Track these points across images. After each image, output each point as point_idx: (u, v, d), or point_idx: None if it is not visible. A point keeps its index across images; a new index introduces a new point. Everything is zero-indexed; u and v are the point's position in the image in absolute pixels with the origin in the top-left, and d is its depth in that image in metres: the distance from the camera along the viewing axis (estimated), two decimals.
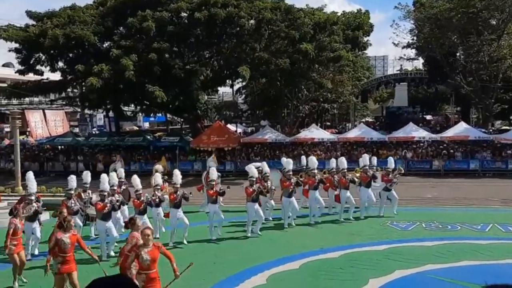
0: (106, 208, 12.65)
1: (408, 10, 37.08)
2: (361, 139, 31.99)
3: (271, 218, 16.34)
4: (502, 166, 28.86)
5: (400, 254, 12.09)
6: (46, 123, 39.58)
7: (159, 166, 18.58)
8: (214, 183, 14.78)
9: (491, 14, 32.83)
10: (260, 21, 29.06)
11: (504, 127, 42.15)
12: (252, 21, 29.48)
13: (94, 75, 26.46)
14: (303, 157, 19.40)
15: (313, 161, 17.03)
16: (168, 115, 45.04)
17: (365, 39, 41.06)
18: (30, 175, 14.23)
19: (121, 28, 31.46)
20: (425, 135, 31.97)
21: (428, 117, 59.86)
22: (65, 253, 9.10)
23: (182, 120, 44.11)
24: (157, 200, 14.11)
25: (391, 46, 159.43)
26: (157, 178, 15.07)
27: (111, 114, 40.16)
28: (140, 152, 33.06)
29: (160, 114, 45.53)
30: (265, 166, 16.26)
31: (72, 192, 14.29)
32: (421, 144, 32.19)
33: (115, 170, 16.60)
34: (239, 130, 44.54)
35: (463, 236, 13.78)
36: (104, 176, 14.03)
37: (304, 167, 18.04)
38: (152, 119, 53.74)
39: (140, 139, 33.73)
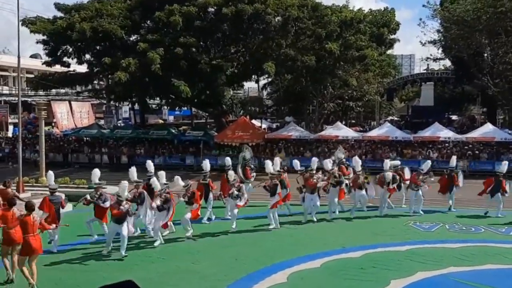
0: (120, 215, 12.17)
1: (436, 9, 36.64)
2: (385, 137, 31.76)
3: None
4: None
5: (423, 256, 12.03)
6: (72, 114, 40.24)
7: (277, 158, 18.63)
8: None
9: None
10: (287, 18, 29.00)
11: None
12: (278, 18, 29.47)
13: (121, 69, 26.78)
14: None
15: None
16: (193, 109, 45.32)
17: (392, 36, 40.74)
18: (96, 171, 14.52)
19: (148, 22, 31.70)
20: (451, 135, 31.61)
21: (454, 117, 59.11)
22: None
23: (207, 114, 44.34)
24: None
25: (418, 44, 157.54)
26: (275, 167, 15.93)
27: (136, 107, 40.53)
28: (165, 146, 33.35)
29: (185, 108, 45.83)
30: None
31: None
32: (446, 145, 31.85)
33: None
34: (264, 125, 44.62)
35: (487, 239, 13.67)
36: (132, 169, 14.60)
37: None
38: (177, 112, 54.09)
39: (165, 133, 33.95)
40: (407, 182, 17.86)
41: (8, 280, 10.08)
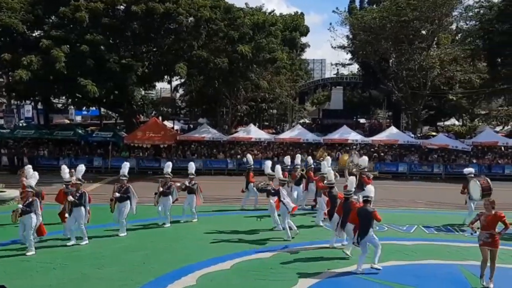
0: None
1: (345, 16, 38.06)
2: (297, 140, 32.49)
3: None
4: (428, 169, 30.20)
5: (331, 254, 12.30)
6: None
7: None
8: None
9: (422, 24, 34.22)
10: (199, 18, 28.81)
11: (431, 133, 44.13)
12: (191, 18, 29.18)
13: (22, 67, 25.18)
14: (287, 158, 19.66)
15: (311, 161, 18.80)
16: (102, 109, 43.77)
17: (303, 40, 41.80)
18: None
19: (53, 17, 30.14)
20: (359, 138, 32.93)
21: (362, 120, 61.71)
22: None
23: (116, 114, 42.99)
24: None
25: (328, 50, 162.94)
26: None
27: (40, 106, 38.52)
28: (71, 147, 31.90)
29: (93, 108, 44.12)
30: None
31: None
32: (354, 147, 33.11)
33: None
34: (177, 127, 44.04)
35: (389, 237, 14.21)
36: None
37: (288, 167, 18.82)
38: (84, 112, 51.96)
39: (71, 133, 32.53)
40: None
41: None
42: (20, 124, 42.03)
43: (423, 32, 35.04)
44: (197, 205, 16.24)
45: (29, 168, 14.89)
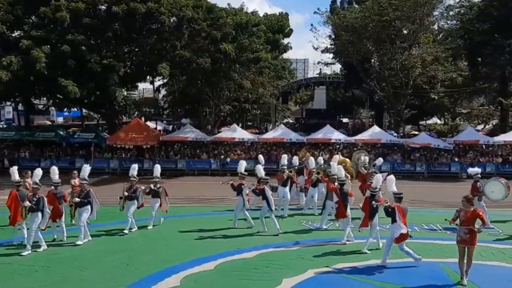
0: None
1: (327, 16, 38.19)
2: (280, 139, 32.52)
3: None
4: (411, 168, 30.46)
5: (313, 253, 12.34)
6: None
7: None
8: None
9: (403, 24, 34.50)
10: (181, 18, 28.67)
11: (413, 132, 44.52)
12: (173, 18, 29.03)
13: (1, 67, 24.81)
14: (284, 156, 19.61)
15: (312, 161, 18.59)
16: (84, 110, 43.35)
17: (285, 41, 41.86)
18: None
19: (33, 17, 29.76)
20: (342, 137, 33.07)
21: (345, 120, 62.03)
22: None
23: (99, 115, 42.61)
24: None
25: (310, 49, 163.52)
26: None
27: (20, 107, 38.06)
28: (52, 148, 31.56)
29: (75, 109, 43.69)
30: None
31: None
32: (337, 146, 33.27)
33: None
34: (160, 127, 43.82)
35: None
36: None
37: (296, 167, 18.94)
38: (66, 113, 51.46)
39: (52, 135, 32.23)
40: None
41: None
42: (0, 126, 41.55)
43: (405, 31, 35.31)
44: (163, 210, 15.70)
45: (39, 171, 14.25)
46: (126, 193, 14.82)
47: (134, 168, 15.56)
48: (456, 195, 12.09)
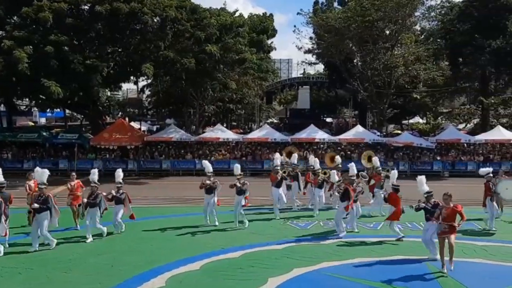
0: None
1: (310, 16, 38.39)
2: (265, 139, 32.63)
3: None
4: (394, 167, 30.64)
5: (298, 253, 12.42)
6: None
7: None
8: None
9: (386, 24, 34.85)
10: (165, 18, 28.63)
11: (396, 131, 44.95)
12: (156, 18, 28.96)
13: None
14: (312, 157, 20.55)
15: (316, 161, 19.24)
16: (67, 111, 43.01)
17: (269, 42, 41.96)
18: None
19: (15, 17, 29.49)
20: (326, 137, 33.28)
21: (329, 119, 62.30)
22: None
23: (82, 116, 42.30)
24: None
25: (294, 49, 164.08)
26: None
27: (2, 108, 37.64)
28: (35, 149, 31.26)
29: (58, 110, 43.32)
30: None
31: None
32: (322, 146, 33.46)
33: None
34: (144, 128, 43.64)
35: (357, 234, 14.47)
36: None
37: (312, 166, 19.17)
38: (49, 114, 51.02)
39: (35, 136, 31.94)
40: None
41: None
42: None
43: (387, 32, 35.68)
44: (127, 216, 14.91)
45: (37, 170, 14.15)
46: (85, 200, 13.96)
47: (94, 173, 14.61)
48: (438, 193, 12.24)
